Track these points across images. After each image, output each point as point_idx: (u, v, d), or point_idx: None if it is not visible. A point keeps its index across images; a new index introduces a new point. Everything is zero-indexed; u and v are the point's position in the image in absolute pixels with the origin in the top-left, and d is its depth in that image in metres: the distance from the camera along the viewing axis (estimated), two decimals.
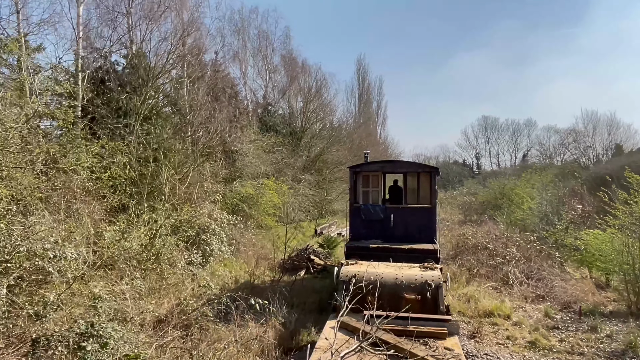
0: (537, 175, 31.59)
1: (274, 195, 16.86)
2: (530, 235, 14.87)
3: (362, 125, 43.41)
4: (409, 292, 7.28)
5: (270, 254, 15.68)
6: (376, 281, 7.23)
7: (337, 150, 28.72)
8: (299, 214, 21.63)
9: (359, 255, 9.49)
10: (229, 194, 16.05)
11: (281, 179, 20.72)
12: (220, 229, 12.98)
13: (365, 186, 11.61)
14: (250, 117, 21.74)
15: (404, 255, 9.61)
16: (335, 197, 27.84)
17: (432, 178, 11.11)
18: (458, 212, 35.97)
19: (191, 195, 13.38)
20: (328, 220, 25.16)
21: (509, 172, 44.71)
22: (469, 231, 17.79)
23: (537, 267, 13.08)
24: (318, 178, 25.39)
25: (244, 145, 18.08)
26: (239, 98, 22.18)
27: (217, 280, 11.75)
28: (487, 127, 71.26)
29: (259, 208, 16.55)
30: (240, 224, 15.12)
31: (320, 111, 30.31)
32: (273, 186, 17.04)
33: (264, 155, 19.99)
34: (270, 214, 16.98)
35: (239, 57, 24.36)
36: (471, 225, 23.67)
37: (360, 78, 56.67)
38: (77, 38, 12.53)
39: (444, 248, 19.24)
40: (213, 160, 15.39)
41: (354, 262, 8.62)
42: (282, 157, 22.73)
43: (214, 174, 14.95)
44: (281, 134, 25.32)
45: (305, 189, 22.31)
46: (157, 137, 13.11)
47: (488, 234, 15.46)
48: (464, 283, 12.48)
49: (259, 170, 18.99)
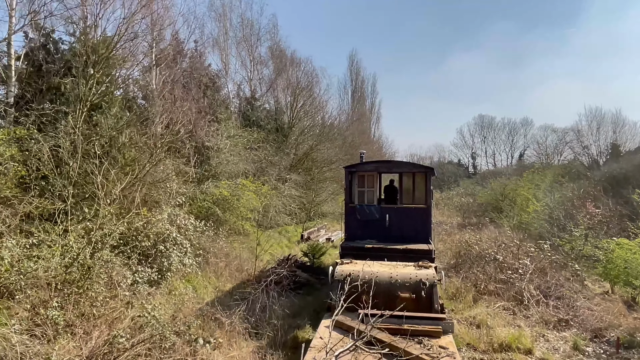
0: (539, 175, 29.91)
1: (252, 197, 14.85)
2: (542, 244, 13.00)
3: (355, 122, 41.47)
4: (403, 291, 7.30)
5: (247, 265, 13.69)
6: (371, 280, 7.15)
7: (327, 148, 26.74)
8: (283, 218, 19.62)
9: (353, 256, 9.30)
10: (200, 196, 14.01)
11: (263, 179, 18.71)
12: (183, 238, 10.97)
13: (360, 186, 11.48)
14: (229, 110, 19.73)
15: (399, 255, 9.50)
16: (325, 198, 25.87)
17: (428, 178, 11.07)
18: (455, 213, 34.17)
19: (149, 198, 11.34)
20: (316, 223, 23.18)
21: (508, 171, 42.92)
22: (472, 237, 15.89)
23: (554, 282, 11.21)
24: (306, 178, 23.40)
25: (220, 141, 16.04)
26: (218, 89, 20.13)
27: (174, 301, 9.74)
28: (483, 126, 69.67)
29: (235, 212, 14.53)
30: (211, 230, 13.12)
31: (310, 106, 28.35)
32: (251, 187, 15.03)
33: (244, 153, 17.96)
34: (248, 218, 14.98)
35: (220, 45, 22.39)
36: (471, 229, 21.83)
37: (353, 74, 54.78)
38: (10, 10, 10.44)
39: (443, 256, 17.36)
40: (179, 157, 13.35)
41: (349, 261, 8.54)
42: (266, 154, 20.72)
43: (180, 172, 12.91)
44: (266, 130, 23.32)
45: (291, 190, 20.32)
46: (109, 128, 11.07)
47: (496, 242, 13.54)
48: (471, 302, 10.56)
49: (238, 168, 16.96)
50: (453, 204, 38.31)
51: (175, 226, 11.49)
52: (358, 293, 6.57)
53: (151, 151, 10.64)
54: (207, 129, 15.26)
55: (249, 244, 15.96)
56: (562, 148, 60.56)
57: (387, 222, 10.81)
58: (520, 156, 68.53)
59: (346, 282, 7.10)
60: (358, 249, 9.95)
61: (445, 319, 6.72)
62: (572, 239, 13.19)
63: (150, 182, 11.60)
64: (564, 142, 60.21)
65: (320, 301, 10.85)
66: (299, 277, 12.47)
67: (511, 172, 43.93)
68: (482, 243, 14.34)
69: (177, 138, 11.76)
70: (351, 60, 55.18)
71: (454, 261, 15.93)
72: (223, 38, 22.42)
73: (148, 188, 11.16)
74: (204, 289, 11.33)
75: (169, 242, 10.58)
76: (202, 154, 15.36)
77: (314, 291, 12.11)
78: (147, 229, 10.25)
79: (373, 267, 8.06)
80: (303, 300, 11.06)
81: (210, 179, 15.34)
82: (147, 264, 10.17)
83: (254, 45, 25.41)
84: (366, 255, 9.28)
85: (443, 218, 30.06)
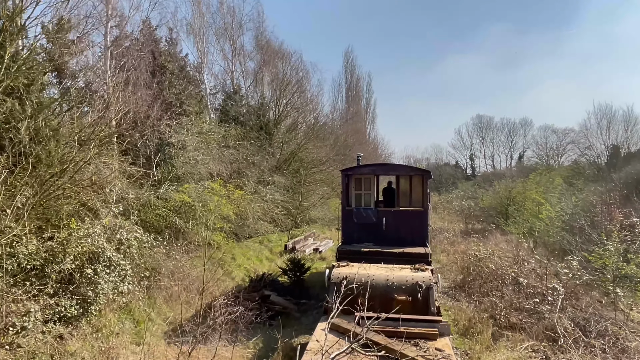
0: (546, 177, 27.73)
1: (222, 203, 12.44)
2: (570, 260, 10.66)
3: (349, 121, 39.14)
4: (400, 294, 7.31)
5: (213, 286, 11.29)
6: (367, 283, 7.23)
7: (317, 147, 24.37)
8: (265, 225, 17.20)
9: (350, 259, 9.25)
10: (157, 203, 11.60)
11: (240, 181, 16.31)
12: (121, 257, 8.57)
13: (357, 189, 11.44)
14: (202, 103, 17.30)
15: (396, 258, 9.41)
16: (314, 202, 23.47)
17: (425, 181, 11.09)
18: (456, 218, 31.85)
19: (79, 207, 8.93)
20: (304, 231, 20.77)
21: (509, 173, 40.63)
22: (482, 249, 13.54)
23: (592, 312, 8.89)
24: (292, 180, 21.01)
25: (187, 137, 13.62)
26: (190, 79, 17.71)
27: (98, 345, 7.32)
28: (481, 127, 67.52)
29: (201, 221, 12.11)
30: (167, 245, 10.73)
31: (299, 102, 25.99)
32: (221, 190, 12.62)
33: (217, 151, 15.55)
34: (218, 228, 12.57)
35: (195, 31, 19.98)
36: (477, 238, 19.52)
37: (348, 72, 52.54)
38: None
39: (447, 271, 15.03)
40: (127, 155, 10.94)
41: (345, 264, 8.59)
42: (246, 154, 18.30)
43: (125, 172, 10.50)
44: (247, 127, 20.92)
45: (274, 194, 17.92)
46: (28, 117, 8.67)
47: (516, 259, 11.18)
48: (489, 341, 8.19)
49: (208, 169, 14.53)
50: (453, 207, 36.00)
51: (115, 242, 9.10)
52: (354, 296, 6.42)
53: (80, 145, 8.21)
54: (168, 122, 12.84)
55: (221, 259, 13.56)
56: (562, 149, 58.84)
57: (383, 225, 10.70)
58: (520, 157, 66.56)
59: (342, 284, 6.96)
60: (354, 252, 9.80)
61: (442, 321, 6.68)
62: (605, 253, 10.86)
63: (85, 185, 9.18)
64: (564, 143, 58.59)
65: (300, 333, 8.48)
66: (273, 304, 10.09)
67: (513, 173, 41.72)
68: (495, 258, 11.99)
69: (118, 130, 9.32)
70: (346, 58, 52.99)
71: (461, 277, 13.60)
72: (199, 23, 20.07)
73: (76, 192, 8.74)
74: (149, 323, 8.90)
75: (100, 263, 8.19)
76: (164, 152, 12.94)
77: (291, 321, 9.71)
78: (69, 246, 7.86)
79: (369, 270, 8.03)
80: (274, 338, 8.56)
81: (171, 181, 12.91)
82: (69, 293, 7.79)
83: (235, 33, 23.05)
84: (363, 259, 9.26)
85: (444, 224, 27.71)
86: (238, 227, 15.58)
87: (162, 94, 14.12)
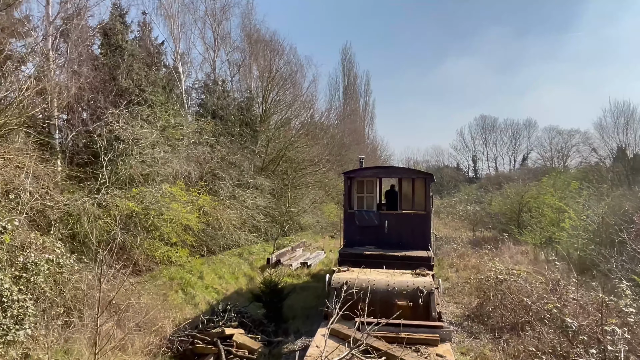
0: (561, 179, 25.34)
1: (181, 212, 10.01)
2: (623, 290, 8.22)
3: (346, 120, 36.75)
4: (400, 299, 7.26)
5: (165, 317, 8.85)
6: (368, 288, 7.12)
7: (309, 145, 21.96)
8: (245, 235, 14.75)
9: (351, 262, 9.14)
10: (95, 211, 9.15)
11: (215, 184, 13.91)
12: (16, 292, 6.16)
13: (360, 192, 11.46)
14: (171, 93, 14.87)
15: (398, 262, 9.35)
16: (305, 207, 21.03)
17: (427, 184, 11.05)
18: (461, 224, 29.40)
19: None
20: (292, 241, 18.32)
21: (518, 175, 38.20)
22: (500, 267, 11.09)
23: None
24: (280, 183, 18.59)
25: (142, 130, 11.19)
26: (157, 65, 15.29)
27: None
28: (485, 127, 65.17)
29: (154, 235, 9.70)
30: (109, 265, 8.30)
31: (291, 98, 23.58)
32: (182, 197, 10.21)
33: (185, 149, 13.14)
34: (175, 242, 10.15)
35: (166, 12, 17.52)
36: (490, 248, 17.11)
37: (346, 70, 50.16)
38: None
39: (459, 293, 12.61)
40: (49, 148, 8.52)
41: (346, 269, 8.44)
42: (226, 152, 15.89)
43: (48, 172, 8.06)
44: (230, 122, 18.54)
45: (255, 199, 15.51)
46: None
47: (553, 287, 8.69)
48: None
49: (175, 169, 12.10)
50: (457, 212, 33.56)
51: (18, 266, 6.71)
52: (354, 301, 6.33)
53: None
54: (117, 112, 10.41)
55: (184, 278, 11.14)
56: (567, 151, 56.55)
57: (386, 228, 10.65)
58: (524, 160, 64.27)
59: (342, 289, 6.79)
60: (356, 255, 9.77)
61: (443, 326, 6.62)
62: None
63: None
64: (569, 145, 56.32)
65: None
66: (237, 349, 7.63)
67: (522, 176, 39.28)
68: (520, 281, 9.56)
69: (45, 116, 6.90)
70: (344, 54, 50.65)
71: (477, 303, 11.16)
72: (171, 3, 17.63)
73: None
74: None
75: None
76: (113, 147, 10.51)
77: None
78: None
79: (370, 275, 7.99)
80: None
81: (125, 184, 10.48)
82: None
83: (218, 18, 20.63)
84: (364, 262, 9.11)
85: (449, 231, 25.21)
86: (209, 238, 13.16)
87: (115, 80, 11.70)
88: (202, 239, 12.91)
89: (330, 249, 19.49)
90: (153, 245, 9.69)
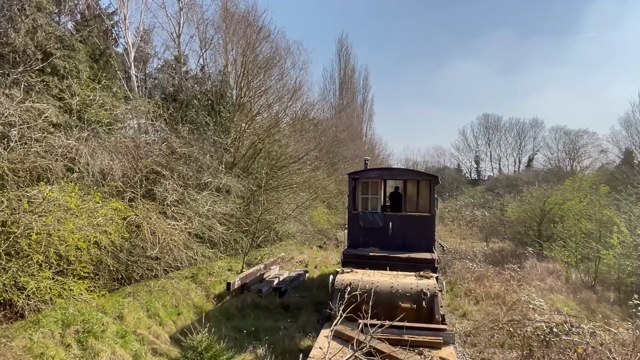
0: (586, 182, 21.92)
1: (66, 231, 6.49)
2: None
3: (341, 114, 33.21)
4: (404, 301, 7.21)
5: None
6: (371, 290, 7.10)
7: (294, 139, 18.47)
8: (198, 249, 11.21)
9: (355, 264, 9.20)
10: None
11: (152, 186, 10.40)
12: None
13: (364, 193, 11.42)
14: (102, 63, 11.33)
15: (402, 264, 9.35)
16: (289, 213, 17.49)
17: (432, 186, 10.87)
18: (469, 231, 25.89)
19: None
20: (268, 255, 14.78)
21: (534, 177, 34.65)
22: (546, 309, 7.56)
23: None
24: (252, 184, 15.05)
25: (26, 105, 7.65)
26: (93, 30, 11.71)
27: None
28: (488, 127, 61.76)
29: (18, 262, 6.16)
30: None
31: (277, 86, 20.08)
32: (72, 203, 6.70)
33: (112, 138, 9.61)
34: (74, 269, 6.63)
35: None
36: (514, 268, 13.62)
37: (342, 61, 46.67)
38: None
39: (483, 341, 9.11)
40: None
41: (350, 271, 8.31)
42: (181, 143, 12.36)
43: None
44: (193, 108, 15.06)
45: (216, 204, 11.98)
46: None
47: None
48: None
49: (87, 162, 8.55)
50: (463, 217, 30.05)
51: None
52: (358, 303, 6.41)
53: None
54: None
55: (88, 322, 7.61)
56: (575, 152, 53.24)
57: (390, 230, 10.64)
58: (530, 161, 60.87)
59: (346, 291, 6.90)
60: (360, 256, 9.77)
61: (446, 329, 6.50)
62: None
63: None
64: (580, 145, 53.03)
65: None
66: None
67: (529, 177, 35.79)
68: (599, 347, 6.06)
69: None
70: (340, 45, 47.17)
71: (515, 358, 7.63)
72: None
73: None
74: None
75: None
76: None
77: None
78: None
79: (374, 277, 7.84)
80: None
81: None
82: None
83: None
84: (368, 263, 9.16)
85: (456, 240, 21.61)
86: (143, 258, 9.63)
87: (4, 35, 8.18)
88: (131, 260, 9.40)
89: (315, 265, 15.96)
90: (17, 279, 6.15)
